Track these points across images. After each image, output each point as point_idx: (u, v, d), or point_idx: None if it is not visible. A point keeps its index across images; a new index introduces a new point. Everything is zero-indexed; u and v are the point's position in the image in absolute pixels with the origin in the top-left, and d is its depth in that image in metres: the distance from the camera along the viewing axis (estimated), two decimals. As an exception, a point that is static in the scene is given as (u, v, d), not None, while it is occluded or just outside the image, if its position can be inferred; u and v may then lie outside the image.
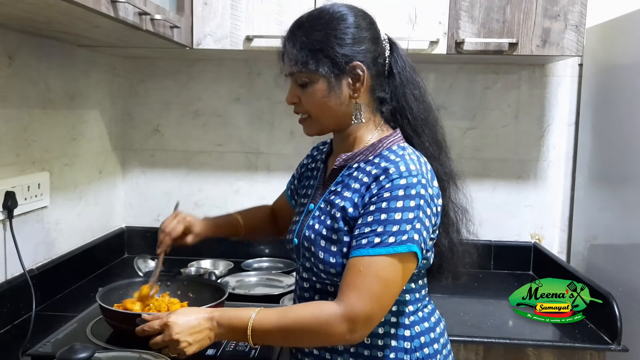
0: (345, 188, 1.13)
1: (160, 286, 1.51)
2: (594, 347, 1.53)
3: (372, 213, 1.04)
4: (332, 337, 1.04)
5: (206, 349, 1.26)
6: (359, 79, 1.11)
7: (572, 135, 2.15)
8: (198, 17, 1.77)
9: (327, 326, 1.02)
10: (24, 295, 1.46)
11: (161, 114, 2.23)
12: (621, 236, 1.81)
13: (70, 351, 0.98)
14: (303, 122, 1.20)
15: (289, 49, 1.14)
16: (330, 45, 1.10)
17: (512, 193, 2.18)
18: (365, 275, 1.02)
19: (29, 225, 1.60)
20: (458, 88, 2.16)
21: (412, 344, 1.13)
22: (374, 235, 1.03)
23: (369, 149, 1.15)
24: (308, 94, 1.14)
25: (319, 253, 1.12)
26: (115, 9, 1.23)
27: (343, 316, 1.01)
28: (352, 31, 1.11)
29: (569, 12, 1.72)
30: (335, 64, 1.10)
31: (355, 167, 1.15)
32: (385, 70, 1.17)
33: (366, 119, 1.16)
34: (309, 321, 1.03)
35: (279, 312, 1.07)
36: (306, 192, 1.29)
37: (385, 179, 1.05)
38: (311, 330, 1.04)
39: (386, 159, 1.11)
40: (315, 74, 1.11)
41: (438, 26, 1.75)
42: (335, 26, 1.11)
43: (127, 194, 2.27)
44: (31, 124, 1.60)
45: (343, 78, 1.11)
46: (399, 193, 1.04)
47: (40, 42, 1.62)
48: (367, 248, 1.02)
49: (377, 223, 1.03)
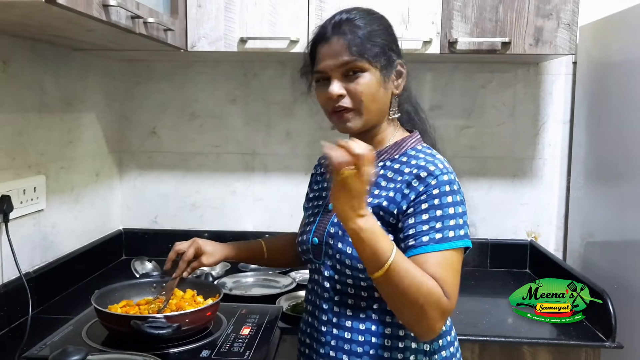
0: (375, 187, 1.15)
1: (156, 288, 1.52)
2: (589, 344, 1.54)
3: (426, 211, 1.07)
4: (428, 320, 1.01)
5: (201, 350, 1.28)
6: (401, 75, 1.19)
7: (567, 133, 2.15)
8: (192, 20, 1.78)
9: (430, 310, 1.00)
10: (21, 299, 1.47)
11: (157, 116, 2.24)
12: (617, 233, 1.81)
13: (63, 354, 0.98)
14: (346, 116, 1.15)
15: (348, 38, 1.12)
16: (388, 39, 1.17)
17: (508, 191, 2.19)
18: (445, 269, 1.04)
19: (25, 229, 1.61)
20: (453, 87, 2.16)
21: (432, 347, 1.14)
22: (434, 232, 1.06)
23: (393, 148, 1.19)
24: (362, 84, 1.13)
25: (347, 248, 1.13)
26: (107, 12, 1.24)
27: (445, 308, 1.01)
28: (394, 32, 1.21)
29: (562, 11, 1.73)
30: (390, 57, 1.16)
31: (381, 165, 1.18)
32: None
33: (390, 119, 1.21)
34: (420, 295, 0.99)
35: (407, 266, 1.01)
36: (320, 194, 1.30)
37: (430, 177, 1.09)
38: (419, 305, 1.00)
39: (416, 157, 1.15)
40: (372, 64, 1.13)
41: (431, 26, 1.75)
42: (388, 24, 1.20)
43: (124, 196, 2.28)
44: (27, 127, 1.60)
45: (391, 72, 1.17)
46: (447, 189, 1.08)
47: (35, 46, 1.62)
48: (432, 244, 1.05)
49: (435, 220, 1.06)
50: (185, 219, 2.27)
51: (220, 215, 2.26)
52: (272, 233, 2.24)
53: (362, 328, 1.14)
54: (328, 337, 1.17)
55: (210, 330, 1.39)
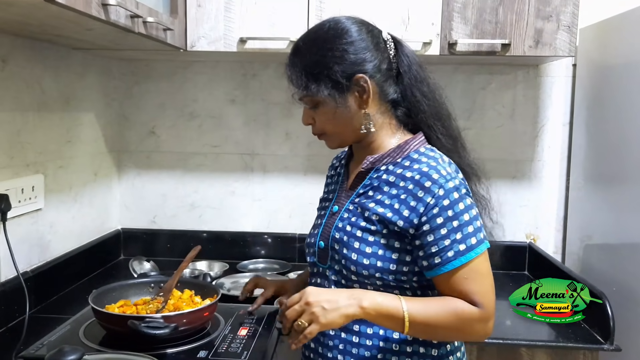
0: (378, 191, 1.13)
1: (154, 288, 1.52)
2: (587, 346, 1.54)
3: (443, 225, 1.06)
4: (473, 335, 1.10)
5: (198, 350, 1.28)
6: (365, 90, 1.12)
7: (567, 135, 2.15)
8: (192, 20, 1.78)
9: (469, 328, 1.07)
10: (18, 298, 1.46)
11: (157, 115, 2.24)
12: (616, 236, 1.81)
13: (59, 353, 0.98)
14: (323, 139, 1.21)
15: (290, 75, 1.15)
16: (328, 66, 1.11)
17: (507, 193, 2.18)
18: (474, 279, 1.06)
19: (23, 228, 1.60)
20: (453, 88, 2.16)
21: (439, 351, 1.14)
22: (457, 244, 1.05)
23: (395, 151, 1.15)
24: (319, 114, 1.16)
25: (352, 255, 1.12)
26: (107, 12, 1.23)
27: (481, 318, 1.06)
28: (348, 46, 1.11)
29: (561, 13, 1.73)
30: (337, 83, 1.11)
31: (384, 169, 1.15)
32: (394, 72, 1.17)
33: (381, 124, 1.17)
34: (452, 322, 1.05)
35: (423, 306, 1.06)
36: (327, 196, 1.29)
37: (435, 186, 1.06)
38: (455, 329, 1.07)
39: (418, 161, 1.12)
40: (322, 96, 1.12)
41: (431, 27, 1.75)
42: (330, 46, 1.11)
43: (123, 196, 2.27)
44: (25, 126, 1.60)
45: (349, 93, 1.12)
46: (455, 196, 1.06)
47: (34, 45, 1.62)
48: (459, 258, 1.05)
49: (454, 232, 1.05)
50: (184, 219, 2.26)
51: (219, 216, 2.26)
52: (270, 234, 2.24)
53: (370, 332, 1.13)
54: (336, 341, 1.16)
55: (207, 330, 1.39)
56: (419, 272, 1.11)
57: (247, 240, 2.24)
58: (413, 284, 1.12)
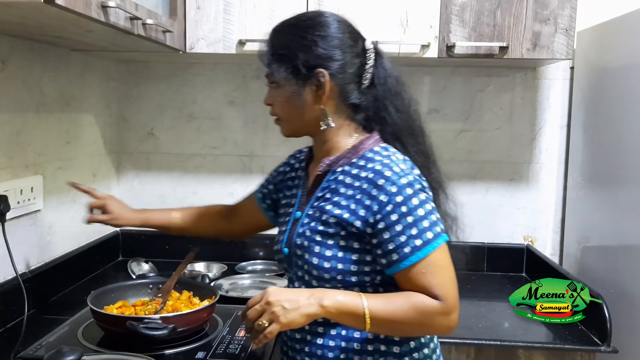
0: (335, 193, 1.14)
1: (152, 289, 1.53)
2: (584, 348, 1.54)
3: (398, 221, 1.06)
4: (436, 329, 1.11)
5: (197, 351, 1.28)
6: (322, 86, 1.13)
7: (564, 138, 2.16)
8: (191, 22, 1.78)
9: (431, 322, 1.06)
10: (17, 299, 1.46)
11: (156, 117, 2.24)
12: (613, 238, 1.82)
13: (58, 354, 0.98)
14: (278, 124, 1.24)
15: (263, 51, 1.19)
16: (295, 52, 1.13)
17: (504, 195, 2.19)
18: (433, 273, 1.06)
19: (22, 229, 1.61)
20: (451, 90, 2.17)
21: (402, 349, 1.14)
22: (413, 239, 1.05)
23: (350, 152, 1.16)
24: (275, 96, 1.18)
25: (313, 259, 1.13)
26: (106, 14, 1.24)
27: (443, 311, 1.05)
28: (319, 39, 1.13)
29: (559, 16, 1.73)
30: (297, 69, 1.13)
31: (340, 170, 1.16)
32: (364, 80, 1.17)
33: (339, 125, 1.17)
34: (414, 316, 1.05)
35: (384, 303, 1.07)
36: (290, 201, 1.28)
37: (388, 183, 1.07)
38: (417, 324, 1.07)
39: (372, 160, 1.12)
40: (280, 78, 1.14)
41: (429, 30, 1.76)
42: (304, 34, 1.14)
43: (122, 197, 2.23)
44: (24, 127, 1.60)
45: (307, 84, 1.14)
46: (409, 192, 1.07)
47: (34, 46, 1.62)
48: (416, 253, 1.05)
49: (409, 228, 1.06)
50: (182, 221, 2.26)
51: (218, 217, 2.25)
52: (269, 235, 2.22)
53: (333, 333, 1.14)
54: (302, 344, 1.17)
55: (206, 331, 1.40)
56: (381, 271, 1.11)
57: (245, 241, 2.23)
58: (376, 283, 1.13)
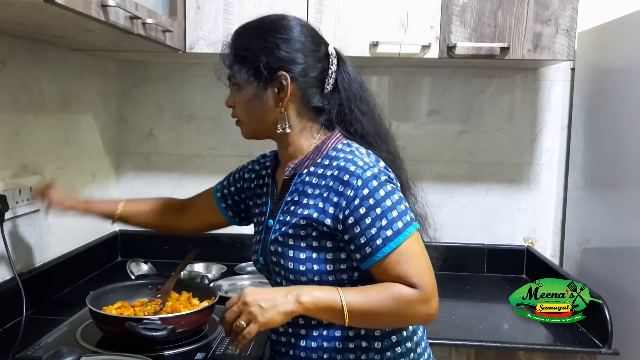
0: (303, 195, 1.13)
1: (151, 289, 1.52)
2: (585, 350, 1.54)
3: (367, 214, 1.05)
4: (416, 317, 1.08)
5: (196, 352, 1.27)
6: (283, 89, 1.13)
7: (565, 139, 2.15)
8: (191, 21, 1.78)
9: (411, 310, 1.05)
10: (15, 299, 1.45)
11: (155, 117, 2.24)
12: (613, 240, 1.82)
13: (57, 355, 0.98)
14: (239, 126, 1.23)
15: (225, 53, 1.18)
16: (256, 54, 1.13)
17: (505, 197, 2.19)
18: (407, 262, 1.05)
19: (20, 229, 1.60)
20: (452, 92, 2.16)
21: (383, 344, 1.13)
22: (384, 231, 1.05)
23: (314, 153, 1.16)
24: (237, 97, 1.18)
25: (288, 264, 1.12)
26: (106, 13, 1.23)
27: (421, 299, 1.04)
28: (282, 42, 1.13)
29: (560, 17, 1.73)
30: (259, 72, 1.13)
31: (306, 172, 1.16)
32: (327, 84, 1.17)
33: (301, 128, 1.17)
34: (392, 306, 1.04)
35: (362, 295, 1.06)
36: (261, 209, 1.27)
37: (353, 177, 1.07)
38: (397, 314, 1.06)
39: (336, 158, 1.13)
40: (241, 80, 1.15)
41: (430, 30, 1.75)
42: (266, 36, 1.14)
43: (121, 198, 2.26)
44: (23, 127, 1.60)
45: (269, 86, 1.14)
46: (374, 184, 1.07)
47: (33, 46, 1.62)
48: (388, 244, 1.05)
49: (378, 219, 1.05)
50: (181, 221, 2.25)
51: (217, 218, 2.25)
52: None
53: (315, 334, 1.14)
54: (287, 347, 1.17)
55: (205, 332, 1.39)
56: (357, 268, 1.11)
57: (244, 242, 2.22)
58: (354, 280, 1.12)
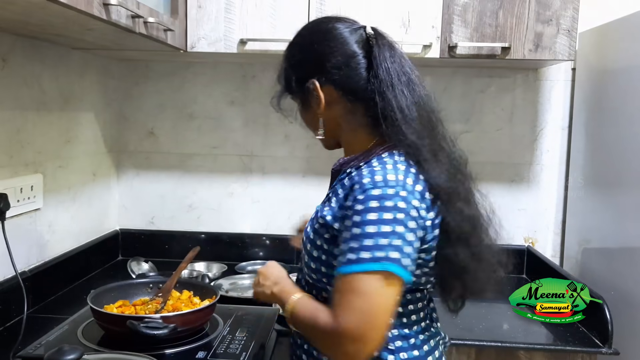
0: (334, 194, 1.10)
1: (152, 288, 1.52)
2: (585, 350, 1.54)
3: (350, 228, 0.99)
4: (324, 349, 1.05)
5: (197, 351, 1.28)
6: (315, 95, 1.14)
7: (566, 139, 2.15)
8: (192, 20, 1.78)
9: (320, 339, 1.04)
10: (16, 298, 1.45)
11: (156, 116, 2.24)
12: (614, 240, 1.82)
13: (59, 353, 0.98)
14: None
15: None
16: (295, 64, 1.18)
17: (505, 197, 2.19)
18: (346, 294, 0.97)
19: (21, 227, 1.60)
20: (452, 91, 2.16)
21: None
22: (350, 252, 0.97)
23: (363, 155, 1.11)
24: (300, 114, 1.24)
25: (305, 257, 1.13)
26: (108, 11, 1.23)
27: (331, 333, 0.98)
28: (297, 54, 1.18)
29: (561, 17, 1.73)
30: (290, 87, 1.18)
31: (347, 172, 1.11)
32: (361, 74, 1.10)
33: (354, 127, 1.14)
34: (308, 324, 1.04)
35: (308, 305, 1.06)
36: None
37: (358, 190, 1.00)
38: (311, 336, 1.07)
39: (370, 165, 1.06)
40: (290, 93, 1.20)
41: (431, 30, 1.75)
42: (287, 54, 1.20)
43: (122, 197, 2.27)
44: (24, 126, 1.60)
45: (305, 97, 1.16)
46: (372, 205, 0.98)
47: (34, 44, 1.62)
48: (343, 266, 0.98)
49: (354, 239, 0.98)
50: (182, 221, 2.26)
51: (217, 217, 2.26)
52: (269, 235, 2.23)
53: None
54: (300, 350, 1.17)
55: (206, 331, 1.39)
56: None
57: (245, 241, 2.23)
58: None
